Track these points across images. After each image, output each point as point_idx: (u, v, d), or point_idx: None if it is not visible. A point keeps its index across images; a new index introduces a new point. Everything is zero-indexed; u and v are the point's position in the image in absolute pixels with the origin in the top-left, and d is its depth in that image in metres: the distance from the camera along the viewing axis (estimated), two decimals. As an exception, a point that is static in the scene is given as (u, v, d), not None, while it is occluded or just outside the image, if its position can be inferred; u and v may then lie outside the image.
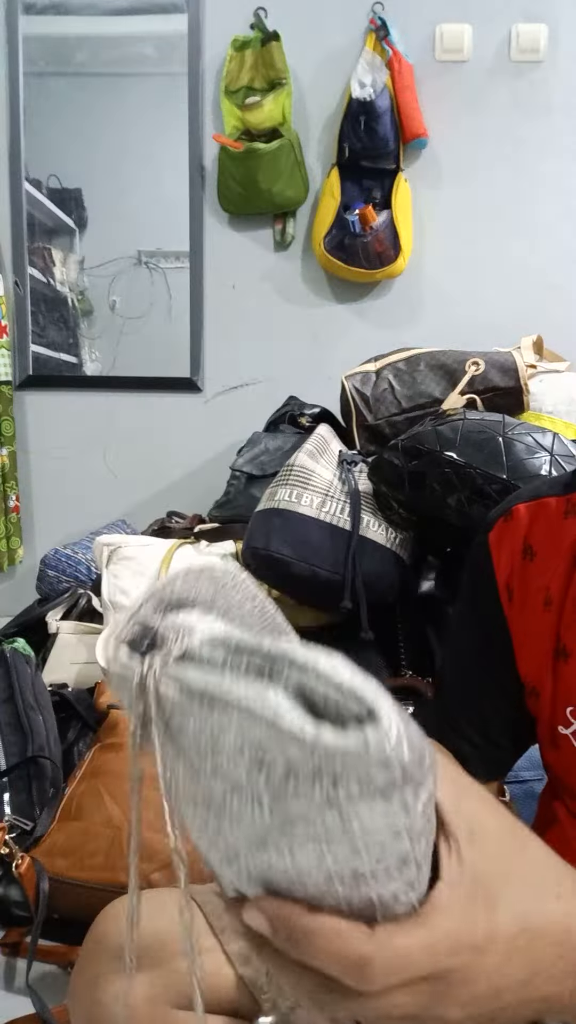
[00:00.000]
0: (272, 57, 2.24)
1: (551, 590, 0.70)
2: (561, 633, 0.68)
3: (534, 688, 0.71)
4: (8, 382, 2.40)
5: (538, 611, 0.71)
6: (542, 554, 0.72)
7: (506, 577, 0.75)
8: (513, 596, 0.74)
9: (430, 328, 2.33)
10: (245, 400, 2.43)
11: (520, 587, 0.73)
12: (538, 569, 0.72)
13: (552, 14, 2.23)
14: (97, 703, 1.44)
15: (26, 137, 2.38)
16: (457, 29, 2.24)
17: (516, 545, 0.74)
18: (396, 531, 1.43)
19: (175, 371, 2.45)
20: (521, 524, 0.74)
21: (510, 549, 0.74)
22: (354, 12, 2.27)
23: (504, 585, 0.75)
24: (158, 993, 0.65)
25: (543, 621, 0.70)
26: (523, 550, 0.73)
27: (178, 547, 1.71)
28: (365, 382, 1.64)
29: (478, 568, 0.77)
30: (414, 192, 2.29)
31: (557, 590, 0.69)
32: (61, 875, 1.15)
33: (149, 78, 2.45)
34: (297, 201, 2.32)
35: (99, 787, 1.23)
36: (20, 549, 2.48)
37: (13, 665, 1.44)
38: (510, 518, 0.75)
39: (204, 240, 2.40)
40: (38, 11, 2.37)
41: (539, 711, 0.71)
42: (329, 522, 1.39)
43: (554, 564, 0.70)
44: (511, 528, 0.75)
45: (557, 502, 0.72)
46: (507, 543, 0.75)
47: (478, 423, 1.33)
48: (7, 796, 1.28)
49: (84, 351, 2.53)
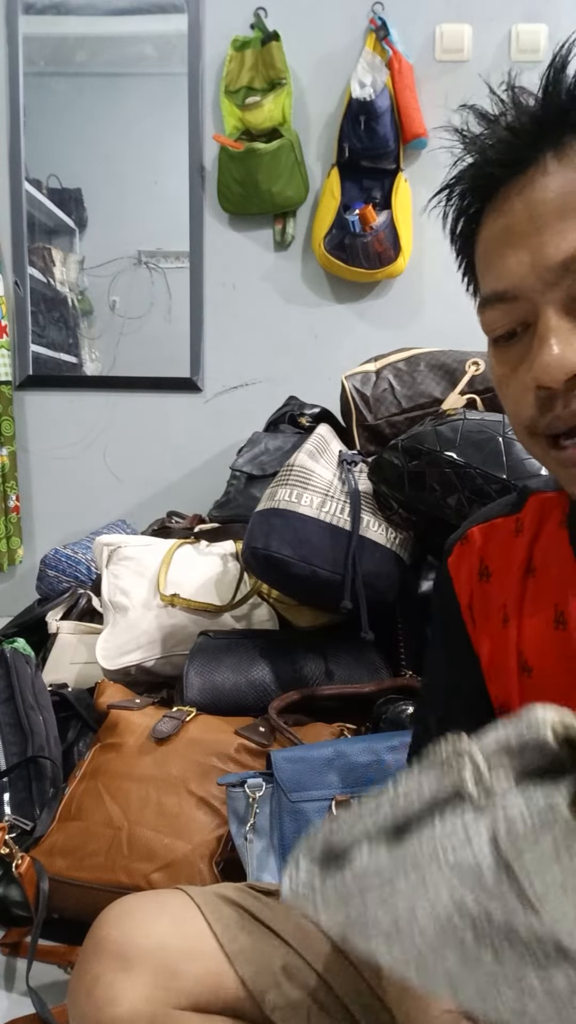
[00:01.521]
0: (272, 57, 2.24)
1: (507, 607, 0.71)
2: (522, 649, 0.69)
3: (502, 707, 0.72)
4: (8, 382, 2.40)
5: (499, 629, 0.72)
6: (497, 573, 0.73)
7: (467, 599, 0.76)
8: (475, 618, 0.75)
9: (430, 328, 2.33)
10: (245, 400, 2.43)
11: (480, 608, 0.74)
12: (495, 588, 0.73)
13: (552, 14, 2.23)
14: (97, 703, 1.44)
15: (26, 137, 2.38)
16: (457, 29, 2.25)
17: (473, 567, 0.75)
18: (396, 531, 1.43)
19: (175, 371, 2.45)
20: (476, 546, 0.75)
21: (468, 572, 0.75)
22: (354, 12, 2.27)
23: (467, 607, 0.76)
24: (156, 994, 0.65)
25: (505, 638, 0.71)
26: (480, 571, 0.74)
27: (178, 547, 1.71)
28: (365, 382, 1.64)
29: (442, 593, 0.78)
30: (414, 192, 2.29)
31: (513, 607, 0.70)
32: (61, 875, 1.15)
33: (149, 78, 2.45)
34: (297, 201, 2.32)
35: (99, 787, 1.23)
36: (20, 549, 2.48)
37: (13, 665, 1.44)
38: (466, 541, 0.76)
39: (204, 240, 2.40)
40: (38, 11, 2.37)
41: None
42: (329, 522, 1.39)
43: (508, 582, 0.71)
44: (467, 551, 0.76)
45: (506, 521, 0.74)
46: (465, 566, 0.76)
47: (478, 423, 1.33)
48: (7, 796, 1.28)
49: (84, 351, 2.53)
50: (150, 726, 1.29)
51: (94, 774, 1.26)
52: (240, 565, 1.63)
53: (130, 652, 1.57)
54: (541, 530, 0.71)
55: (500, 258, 0.59)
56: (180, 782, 1.20)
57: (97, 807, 1.21)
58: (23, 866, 1.13)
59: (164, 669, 1.57)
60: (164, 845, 1.14)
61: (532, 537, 0.71)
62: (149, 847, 1.14)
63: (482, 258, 0.63)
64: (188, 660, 1.44)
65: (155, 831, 1.15)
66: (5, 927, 1.19)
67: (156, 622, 1.58)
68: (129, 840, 1.15)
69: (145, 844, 1.14)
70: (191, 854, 1.12)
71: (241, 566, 1.62)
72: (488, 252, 0.61)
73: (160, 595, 1.59)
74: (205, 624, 1.57)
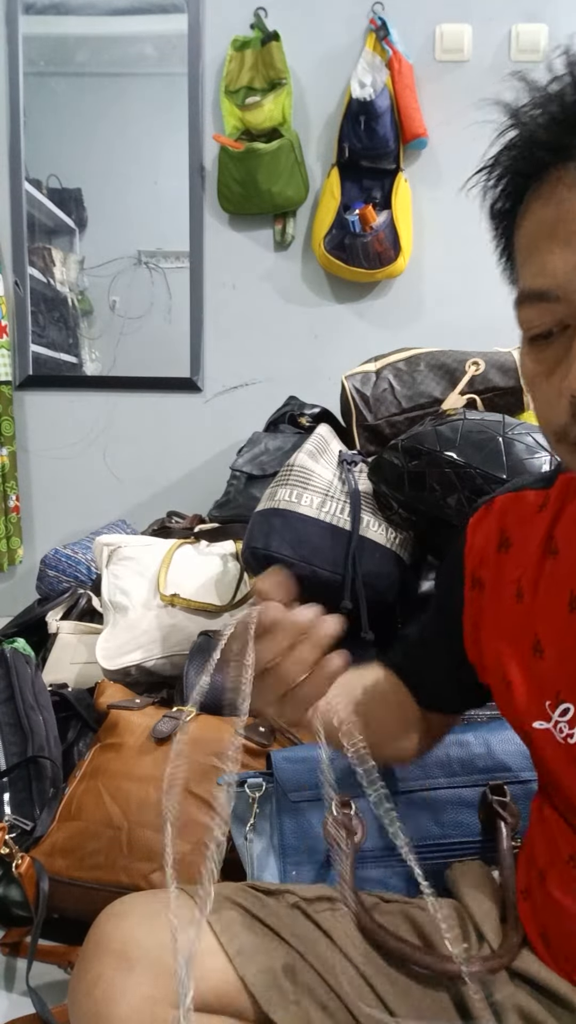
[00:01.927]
0: (272, 57, 2.24)
1: (522, 583, 0.70)
2: (536, 628, 0.69)
3: (504, 678, 0.72)
4: (8, 382, 2.40)
5: (510, 603, 0.72)
6: (516, 546, 0.73)
7: (475, 564, 0.76)
8: (484, 585, 0.75)
9: (430, 328, 2.33)
10: (245, 400, 2.43)
11: (493, 578, 0.74)
12: (512, 561, 0.72)
13: (552, 14, 2.23)
14: (97, 703, 1.44)
15: (26, 137, 2.38)
16: (457, 29, 2.25)
17: (492, 534, 0.75)
18: (396, 531, 1.43)
19: (175, 371, 2.45)
20: (499, 514, 0.75)
21: (484, 537, 0.75)
22: (354, 12, 2.27)
23: (470, 570, 0.76)
24: (157, 993, 0.65)
25: (515, 613, 0.71)
26: (499, 542, 0.74)
27: (178, 547, 1.71)
28: (365, 382, 1.64)
29: (454, 548, 0.79)
30: (414, 192, 2.29)
31: (528, 583, 0.70)
32: (61, 875, 1.15)
33: (149, 78, 2.45)
34: (297, 201, 2.32)
35: (99, 787, 1.23)
36: (20, 549, 2.48)
37: (13, 665, 1.44)
38: (491, 507, 0.76)
39: (204, 240, 2.40)
40: (38, 11, 2.37)
41: (510, 702, 0.72)
42: (329, 522, 1.39)
43: (525, 557, 0.71)
44: (490, 517, 0.76)
45: (536, 495, 0.73)
46: (482, 530, 0.76)
47: (478, 423, 1.33)
48: (7, 796, 1.28)
49: (84, 351, 2.53)
50: (150, 726, 1.29)
51: (94, 774, 1.26)
52: (240, 565, 1.63)
53: (130, 652, 1.57)
54: (563, 510, 0.70)
55: (544, 253, 0.54)
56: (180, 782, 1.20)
57: (97, 807, 1.21)
58: (23, 866, 1.13)
59: (164, 669, 1.57)
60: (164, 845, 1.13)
61: (554, 516, 0.70)
62: (149, 847, 1.14)
63: (524, 248, 0.58)
64: (188, 660, 1.44)
65: (155, 831, 1.15)
66: (5, 927, 1.19)
67: (156, 622, 1.58)
68: (129, 840, 1.15)
69: (145, 844, 1.14)
70: (191, 854, 1.12)
71: (241, 566, 1.62)
72: (531, 243, 0.56)
73: (160, 595, 1.59)
74: (205, 624, 1.57)
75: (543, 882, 0.72)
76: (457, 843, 0.92)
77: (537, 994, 0.70)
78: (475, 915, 0.77)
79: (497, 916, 0.77)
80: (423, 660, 0.84)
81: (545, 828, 0.74)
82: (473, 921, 0.77)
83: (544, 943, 0.72)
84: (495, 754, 0.94)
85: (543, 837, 0.74)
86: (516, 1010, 0.69)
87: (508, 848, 0.86)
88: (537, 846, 0.75)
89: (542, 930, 0.72)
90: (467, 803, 0.93)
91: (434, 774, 0.94)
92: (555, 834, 0.71)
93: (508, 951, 0.72)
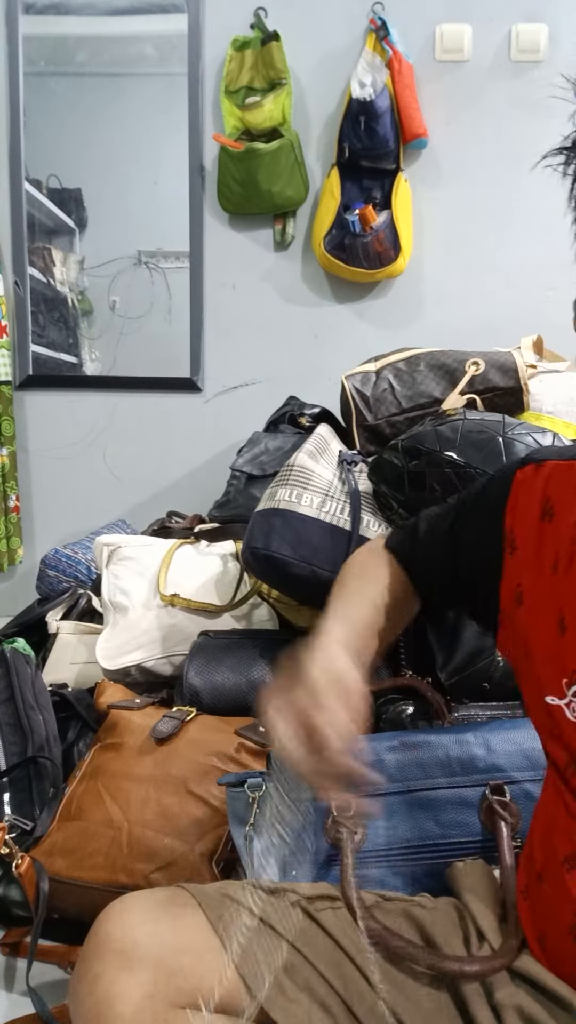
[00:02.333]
0: (272, 57, 2.24)
1: (559, 554, 0.70)
2: (563, 604, 0.69)
3: (527, 645, 0.72)
4: (8, 382, 2.40)
5: (546, 573, 0.71)
6: (559, 517, 0.72)
7: (513, 522, 0.75)
8: (518, 548, 0.74)
9: (430, 328, 2.33)
10: (245, 400, 2.43)
11: (533, 546, 0.73)
12: (553, 531, 0.72)
13: (552, 14, 2.23)
14: (97, 703, 1.44)
15: (26, 137, 2.38)
16: (457, 29, 2.25)
17: (536, 500, 0.74)
18: (396, 531, 1.43)
19: (175, 371, 2.45)
20: (547, 480, 0.74)
21: (527, 498, 0.75)
22: (354, 12, 2.27)
23: (508, 527, 0.76)
24: (158, 992, 0.65)
25: (547, 584, 0.71)
26: (543, 510, 0.73)
27: (178, 547, 1.71)
28: (365, 382, 1.64)
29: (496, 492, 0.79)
30: (414, 192, 2.29)
31: (564, 557, 0.70)
32: (61, 875, 1.15)
33: (149, 78, 2.45)
34: (297, 201, 2.32)
35: (99, 787, 1.23)
36: (20, 549, 2.48)
37: (13, 665, 1.44)
38: (540, 469, 0.75)
39: (204, 240, 2.40)
40: (38, 11, 2.37)
41: (529, 672, 0.72)
42: (329, 522, 1.39)
43: (564, 529, 0.71)
44: (538, 479, 0.75)
45: None
46: (526, 491, 0.75)
47: (478, 423, 1.33)
48: (7, 796, 1.28)
49: (84, 351, 2.53)
50: (150, 726, 1.29)
51: (94, 774, 1.26)
52: (240, 565, 1.63)
53: (130, 652, 1.57)
54: None
55: None
56: (180, 782, 1.20)
57: (97, 807, 1.21)
58: (23, 866, 1.13)
59: (164, 669, 1.57)
60: (164, 845, 1.14)
61: None
62: (149, 847, 1.14)
63: None
64: (188, 660, 1.44)
65: (155, 831, 1.15)
66: (5, 927, 1.19)
67: (156, 622, 1.58)
68: (129, 840, 1.15)
69: (145, 844, 1.14)
70: (191, 854, 1.12)
71: (241, 566, 1.62)
72: None
73: (160, 595, 1.59)
74: (205, 624, 1.57)
75: (541, 884, 0.72)
76: (457, 843, 0.92)
77: (537, 994, 0.70)
78: (475, 914, 0.77)
79: (497, 916, 0.77)
80: (436, 569, 0.87)
81: (545, 828, 0.74)
82: (473, 920, 0.77)
83: (540, 946, 0.72)
84: (495, 754, 0.94)
85: (542, 838, 0.74)
86: (516, 1010, 0.69)
87: (508, 848, 0.86)
88: (536, 847, 0.75)
89: (539, 933, 0.72)
90: (467, 803, 0.93)
91: (434, 774, 0.94)
92: (553, 835, 0.71)
93: (508, 951, 0.72)
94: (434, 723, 1.21)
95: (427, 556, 0.88)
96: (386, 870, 0.92)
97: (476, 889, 0.81)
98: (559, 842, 0.70)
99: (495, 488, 0.80)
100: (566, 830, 0.69)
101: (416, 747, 0.95)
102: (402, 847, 0.91)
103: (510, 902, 0.77)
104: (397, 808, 0.92)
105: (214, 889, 0.75)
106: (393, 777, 0.93)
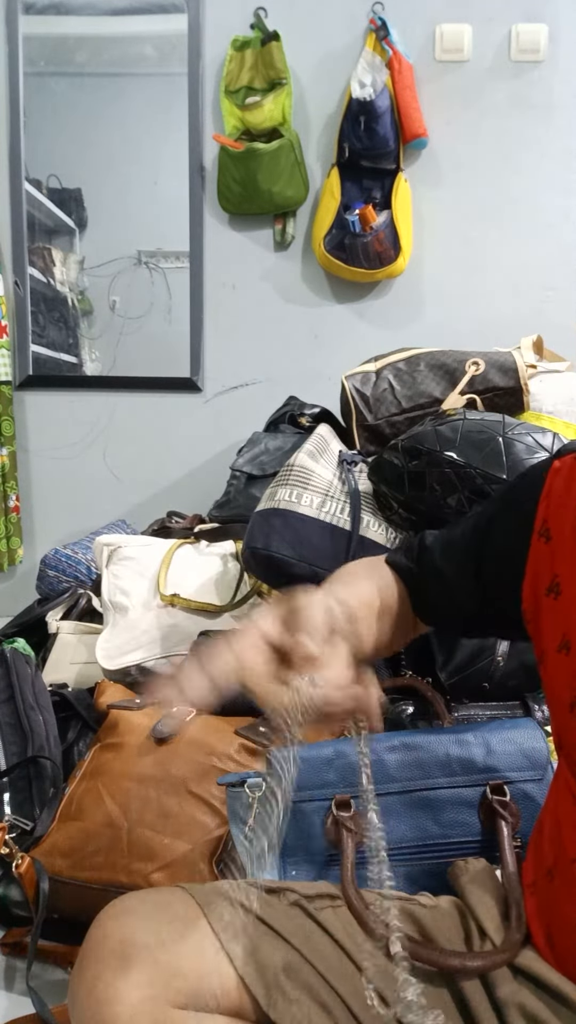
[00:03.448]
0: (272, 57, 2.24)
1: None
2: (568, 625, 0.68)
3: (566, 636, 0.70)
4: (8, 382, 2.40)
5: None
6: None
7: (547, 512, 0.74)
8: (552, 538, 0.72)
9: (430, 328, 2.33)
10: (245, 400, 2.43)
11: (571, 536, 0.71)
12: None
13: (552, 14, 2.23)
14: (97, 703, 1.44)
15: (26, 137, 2.38)
16: (457, 29, 2.25)
17: (573, 492, 0.72)
18: (396, 531, 1.43)
19: (175, 371, 2.45)
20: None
21: (564, 489, 0.73)
22: (354, 12, 2.27)
23: (541, 517, 0.74)
24: (157, 992, 0.65)
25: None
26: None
27: (178, 547, 1.71)
28: (365, 382, 1.64)
29: (529, 483, 0.77)
30: (414, 192, 2.29)
31: None
32: (61, 875, 1.15)
33: (149, 78, 2.45)
34: (297, 201, 2.32)
35: (99, 787, 1.23)
36: (20, 549, 2.48)
37: (13, 665, 1.44)
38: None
39: (204, 240, 2.40)
40: (38, 11, 2.37)
41: (561, 666, 0.70)
42: (329, 522, 1.39)
43: None
44: (571, 476, 0.73)
45: None
46: (562, 481, 0.74)
47: (478, 423, 1.33)
48: (7, 796, 1.28)
49: (84, 351, 2.53)
50: (150, 726, 1.29)
51: (94, 774, 1.26)
52: (240, 565, 1.63)
53: (130, 652, 1.57)
54: None
55: None
56: (180, 782, 1.20)
57: (97, 807, 1.20)
58: (23, 866, 1.13)
59: (164, 669, 1.57)
60: (164, 845, 1.14)
61: None
62: (149, 847, 1.14)
63: None
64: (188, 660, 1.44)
65: (155, 831, 1.15)
66: (5, 927, 1.19)
67: (156, 622, 1.58)
68: (129, 840, 1.15)
69: (145, 844, 1.14)
70: (191, 854, 1.12)
71: (241, 566, 1.62)
72: None
73: (160, 595, 1.59)
74: (205, 624, 1.57)
75: (551, 881, 0.72)
76: (457, 843, 0.92)
77: (540, 992, 0.70)
78: (477, 911, 0.77)
79: (499, 913, 0.77)
80: (441, 591, 0.85)
81: (554, 825, 0.73)
82: (475, 917, 0.77)
83: (548, 943, 0.72)
84: (495, 754, 0.94)
85: (552, 835, 0.74)
86: (518, 1007, 0.69)
87: (509, 847, 0.86)
88: (547, 843, 0.74)
89: (547, 929, 0.72)
90: (467, 803, 0.93)
91: (434, 774, 0.93)
92: (562, 832, 0.71)
93: (510, 948, 0.72)
94: (434, 723, 1.21)
95: (443, 585, 0.85)
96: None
97: (478, 886, 0.81)
98: (568, 840, 0.70)
99: (525, 485, 0.79)
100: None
101: (416, 747, 0.95)
102: (402, 847, 0.91)
103: (512, 900, 0.77)
104: (397, 808, 0.92)
105: (213, 889, 0.75)
106: (393, 777, 0.93)
